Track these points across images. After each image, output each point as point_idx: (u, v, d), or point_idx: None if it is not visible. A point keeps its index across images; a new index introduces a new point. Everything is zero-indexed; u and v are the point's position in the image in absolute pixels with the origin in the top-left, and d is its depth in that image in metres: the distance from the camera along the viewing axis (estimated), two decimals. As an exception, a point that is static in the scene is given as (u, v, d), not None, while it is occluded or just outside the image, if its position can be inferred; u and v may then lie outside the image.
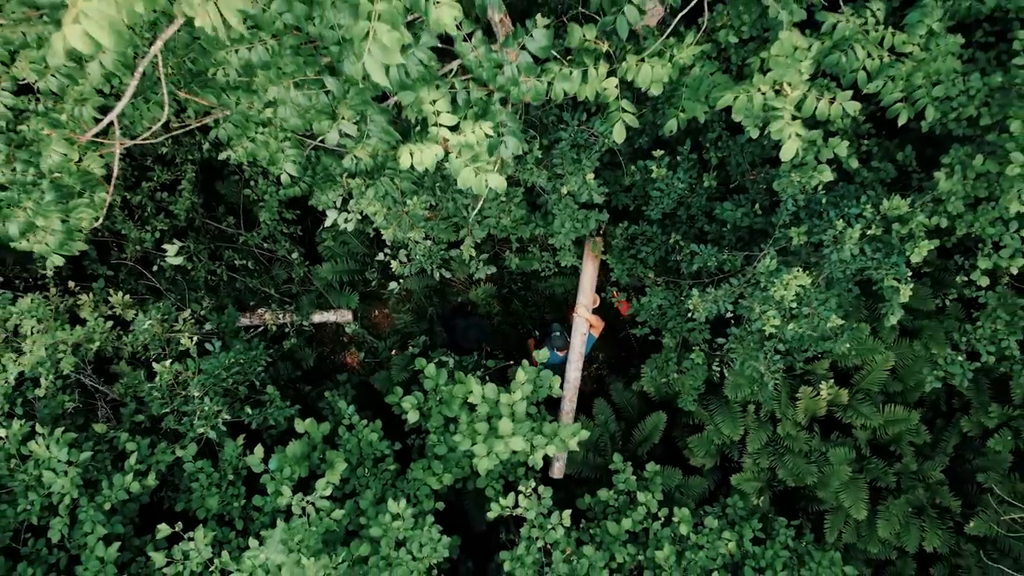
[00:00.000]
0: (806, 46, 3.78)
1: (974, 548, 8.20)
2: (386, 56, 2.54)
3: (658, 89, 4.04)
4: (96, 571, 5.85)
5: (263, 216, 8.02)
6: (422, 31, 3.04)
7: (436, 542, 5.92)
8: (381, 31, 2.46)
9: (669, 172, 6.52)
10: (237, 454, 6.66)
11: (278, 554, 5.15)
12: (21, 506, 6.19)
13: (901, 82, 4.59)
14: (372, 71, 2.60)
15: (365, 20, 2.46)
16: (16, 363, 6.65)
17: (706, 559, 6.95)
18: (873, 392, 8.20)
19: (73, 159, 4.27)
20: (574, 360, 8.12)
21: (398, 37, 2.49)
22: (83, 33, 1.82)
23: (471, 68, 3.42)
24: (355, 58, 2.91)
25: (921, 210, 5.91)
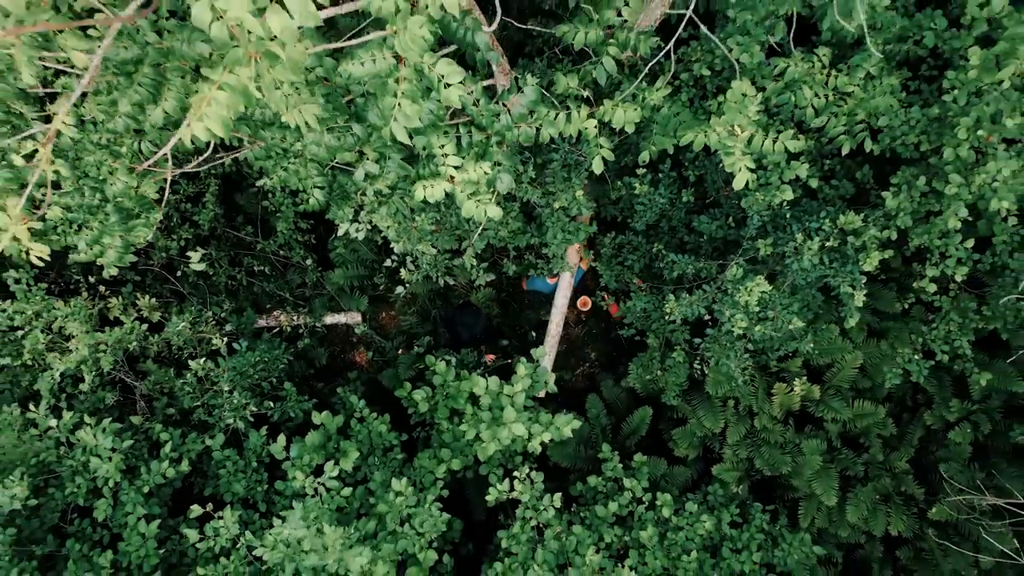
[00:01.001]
0: (753, 93, 4.59)
1: (936, 532, 9.00)
2: (408, 122, 3.36)
3: (631, 128, 4.86)
4: (138, 546, 6.68)
5: (280, 226, 8.84)
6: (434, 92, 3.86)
7: (436, 518, 6.75)
8: (405, 105, 3.28)
9: (651, 188, 7.34)
10: (261, 443, 7.49)
11: (298, 530, 5.97)
12: (68, 489, 7.02)
13: (844, 117, 5.40)
14: (397, 133, 3.43)
15: (392, 96, 3.27)
16: (61, 362, 7.49)
17: (686, 539, 7.77)
18: (843, 388, 9.02)
19: (133, 186, 5.10)
20: (563, 288, 8.92)
21: (417, 109, 3.31)
22: (204, 128, 2.65)
23: (473, 116, 4.24)
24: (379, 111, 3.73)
25: (874, 224, 6.74)
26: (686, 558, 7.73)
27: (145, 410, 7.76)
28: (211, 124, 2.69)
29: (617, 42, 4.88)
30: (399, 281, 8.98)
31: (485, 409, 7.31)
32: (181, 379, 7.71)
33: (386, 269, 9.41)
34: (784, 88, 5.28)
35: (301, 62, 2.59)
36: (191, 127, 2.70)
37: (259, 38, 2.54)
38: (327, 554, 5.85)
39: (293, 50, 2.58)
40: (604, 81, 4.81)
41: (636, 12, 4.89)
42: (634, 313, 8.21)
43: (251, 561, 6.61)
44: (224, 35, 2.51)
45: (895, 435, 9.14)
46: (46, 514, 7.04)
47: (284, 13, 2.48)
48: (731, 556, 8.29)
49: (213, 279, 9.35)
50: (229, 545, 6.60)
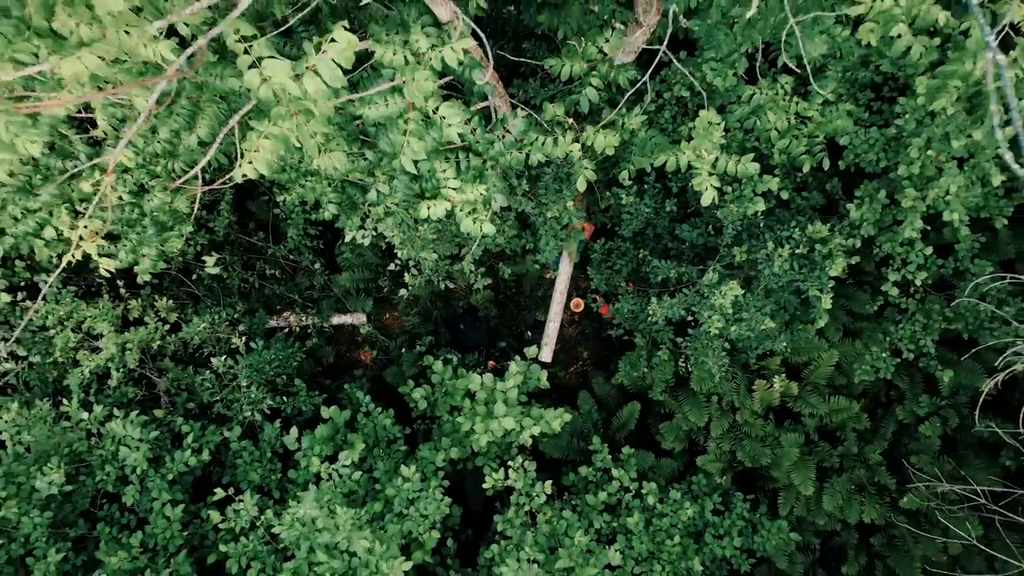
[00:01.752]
0: (718, 121, 5.27)
1: (907, 520, 9.69)
2: (415, 155, 4.05)
3: (611, 151, 5.55)
4: (164, 528, 7.38)
5: (290, 232, 9.54)
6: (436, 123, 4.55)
7: (440, 502, 7.45)
8: (412, 141, 3.97)
9: (637, 199, 8.03)
10: (275, 435, 8.19)
11: (312, 510, 6.66)
12: (98, 476, 7.72)
13: (804, 139, 6.09)
14: (406, 164, 4.11)
15: (402, 136, 3.96)
16: (90, 359, 8.20)
17: (670, 525, 8.46)
18: (820, 385, 9.71)
19: (167, 201, 5.79)
20: (564, 265, 9.63)
21: (423, 144, 3.99)
22: (253, 169, 3.33)
23: (470, 143, 4.93)
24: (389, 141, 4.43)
25: (839, 233, 7.43)
26: (670, 543, 8.42)
27: (168, 404, 8.46)
28: (259, 165, 3.37)
29: (599, 74, 5.57)
30: (402, 284, 9.68)
31: (481, 404, 8.00)
32: (200, 375, 8.40)
33: (390, 273, 10.11)
34: (751, 113, 5.96)
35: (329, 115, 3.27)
36: (243, 168, 3.40)
37: (297, 98, 3.22)
38: (338, 532, 6.54)
39: (324, 106, 3.26)
40: (587, 109, 5.50)
41: (616, 48, 5.58)
42: (622, 314, 8.89)
43: (268, 540, 7.31)
44: (269, 95, 3.19)
45: (869, 429, 9.83)
46: (77, 500, 7.74)
47: (317, 78, 3.17)
48: (713, 542, 8.97)
49: (227, 282, 10.04)
50: (248, 526, 7.30)
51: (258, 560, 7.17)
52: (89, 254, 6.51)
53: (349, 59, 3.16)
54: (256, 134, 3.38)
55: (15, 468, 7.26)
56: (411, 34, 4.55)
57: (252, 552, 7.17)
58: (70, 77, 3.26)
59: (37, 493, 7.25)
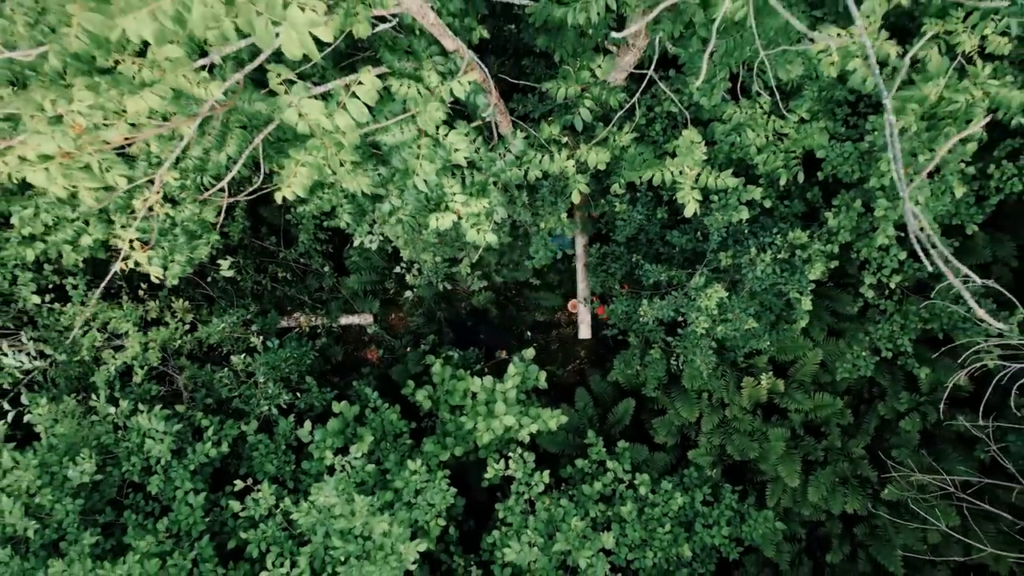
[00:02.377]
0: (699, 141, 5.87)
1: (888, 511, 10.29)
2: (426, 176, 4.65)
3: (603, 166, 6.15)
4: (187, 515, 7.99)
5: (301, 237, 10.14)
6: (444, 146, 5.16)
7: (445, 492, 8.05)
8: (424, 164, 4.57)
9: (629, 207, 8.64)
10: (289, 429, 8.80)
11: (331, 498, 7.26)
12: (124, 467, 8.33)
13: (781, 154, 6.69)
14: (418, 184, 4.72)
15: (415, 160, 4.57)
16: (115, 358, 8.81)
17: (661, 514, 9.07)
18: (806, 382, 10.32)
19: (197, 212, 6.40)
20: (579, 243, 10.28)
21: (434, 167, 4.59)
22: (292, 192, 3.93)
23: (475, 161, 5.53)
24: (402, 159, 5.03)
25: (818, 240, 8.03)
26: (661, 530, 9.03)
27: (189, 400, 9.07)
28: (296, 188, 3.98)
29: (592, 96, 6.17)
30: (407, 286, 10.28)
31: (481, 404, 8.60)
32: (219, 372, 9.01)
33: (395, 275, 10.71)
34: (731, 131, 6.56)
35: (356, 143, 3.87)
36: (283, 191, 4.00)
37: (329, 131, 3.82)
38: (354, 519, 7.15)
39: (351, 136, 3.86)
40: (581, 127, 6.10)
41: (608, 71, 6.18)
42: (617, 315, 9.50)
43: (285, 527, 7.91)
44: (305, 129, 3.80)
45: (852, 424, 10.44)
46: (105, 489, 8.35)
47: (347, 115, 3.78)
48: (703, 531, 9.58)
49: (240, 284, 10.65)
50: (266, 513, 7.91)
51: (276, 545, 7.77)
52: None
53: (373, 98, 3.77)
54: (294, 162, 3.99)
55: (48, 458, 7.87)
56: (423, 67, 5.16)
57: (271, 538, 7.78)
58: (132, 113, 3.87)
59: (69, 482, 7.86)
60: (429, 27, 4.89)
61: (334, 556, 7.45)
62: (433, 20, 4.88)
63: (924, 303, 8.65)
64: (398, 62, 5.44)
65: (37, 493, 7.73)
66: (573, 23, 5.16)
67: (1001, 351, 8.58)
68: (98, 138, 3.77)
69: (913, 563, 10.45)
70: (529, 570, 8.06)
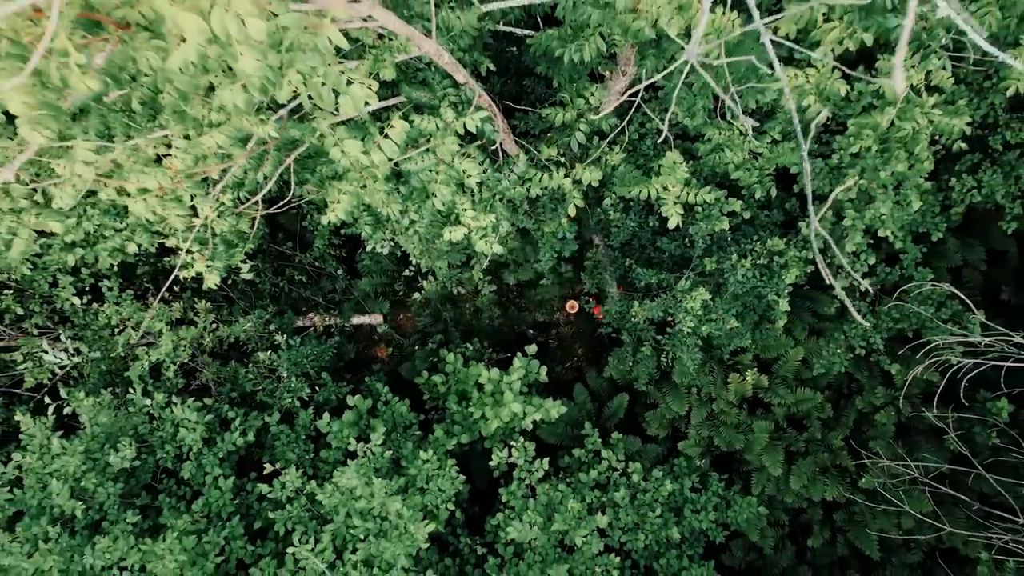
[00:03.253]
0: (680, 161, 6.79)
1: (865, 498, 11.21)
2: (443, 197, 5.56)
3: (596, 183, 7.06)
4: (217, 497, 8.91)
5: (317, 242, 11.06)
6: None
7: (455, 479, 8.97)
8: (441, 187, 5.48)
9: (623, 215, 9.55)
10: (309, 420, 9.71)
11: (352, 480, 8.18)
12: (159, 454, 9.24)
13: (756, 171, 7.60)
14: (436, 204, 5.63)
15: (434, 183, 5.48)
16: (147, 355, 9.72)
17: (652, 500, 9.99)
18: (788, 378, 11.24)
19: (234, 224, 7.31)
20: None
21: (450, 189, 5.50)
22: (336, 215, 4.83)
23: (483, 181, 6.44)
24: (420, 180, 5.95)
25: (795, 246, 8.94)
26: (652, 515, 9.94)
27: (216, 393, 9.99)
28: (339, 212, 4.89)
29: (586, 121, 7.09)
30: (416, 288, 11.20)
31: (488, 395, 9.52)
32: (242, 368, 9.92)
33: (404, 278, 11.63)
34: (711, 151, 7.48)
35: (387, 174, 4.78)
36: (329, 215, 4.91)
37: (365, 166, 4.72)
38: (373, 500, 8.06)
39: (383, 169, 4.76)
40: (577, 148, 7.02)
41: (600, 99, 7.10)
42: (612, 315, 10.42)
43: (308, 508, 8.83)
44: (346, 163, 4.71)
45: (832, 417, 11.36)
46: (141, 475, 9.27)
47: (381, 152, 4.69)
48: (691, 515, 10.50)
49: (259, 286, 11.57)
50: (292, 496, 8.82)
51: (300, 524, 8.69)
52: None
53: (403, 137, 4.68)
54: (336, 191, 4.90)
55: (92, 446, 8.79)
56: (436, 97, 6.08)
57: (296, 518, 8.69)
58: (206, 149, 4.78)
59: (110, 467, 8.78)
60: (443, 65, 5.80)
61: (354, 534, 8.36)
62: (447, 60, 5.80)
63: (890, 304, 9.57)
64: (415, 92, 6.37)
65: (82, 477, 8.64)
66: (569, 60, 6.07)
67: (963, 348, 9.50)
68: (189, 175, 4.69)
69: (889, 546, 11.39)
70: (530, 547, 8.98)
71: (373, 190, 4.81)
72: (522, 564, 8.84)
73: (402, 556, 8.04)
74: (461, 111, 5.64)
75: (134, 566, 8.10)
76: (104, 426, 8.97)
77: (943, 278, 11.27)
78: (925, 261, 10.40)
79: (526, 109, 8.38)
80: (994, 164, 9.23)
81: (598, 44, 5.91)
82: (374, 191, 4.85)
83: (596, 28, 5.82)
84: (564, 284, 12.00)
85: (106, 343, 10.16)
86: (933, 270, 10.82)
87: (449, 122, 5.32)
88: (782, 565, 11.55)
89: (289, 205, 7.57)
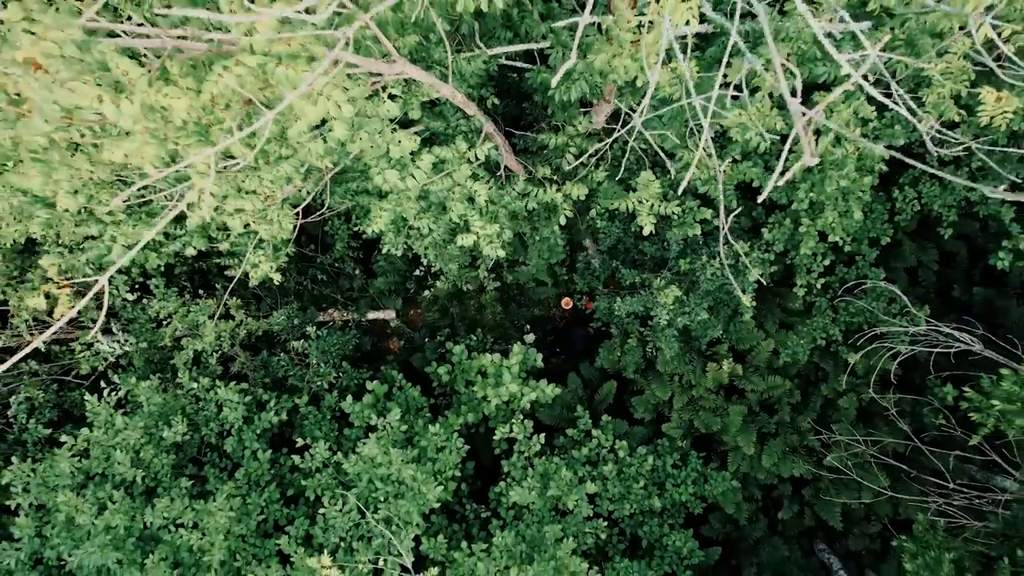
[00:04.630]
0: (655, 179, 8.43)
1: (830, 475, 12.84)
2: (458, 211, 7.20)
3: (583, 197, 8.70)
4: (256, 468, 10.55)
5: (337, 245, 12.71)
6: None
7: (459, 449, 10.60)
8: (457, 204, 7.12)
9: (609, 223, 11.20)
10: (334, 402, 11.35)
11: (374, 450, 9.80)
12: (203, 431, 10.88)
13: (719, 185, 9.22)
14: (453, 216, 7.27)
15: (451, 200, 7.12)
16: (191, 344, 11.36)
17: (636, 473, 11.62)
18: (761, 367, 12.88)
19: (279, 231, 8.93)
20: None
21: (464, 206, 7.14)
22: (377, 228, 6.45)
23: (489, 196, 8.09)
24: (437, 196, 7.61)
25: (758, 249, 10.58)
26: (636, 486, 11.58)
27: (253, 379, 11.63)
28: (380, 225, 6.52)
29: (575, 145, 8.74)
30: (426, 286, 12.83)
31: (491, 377, 11.16)
32: (275, 356, 11.57)
33: (415, 277, 13.27)
34: (683, 168, 9.13)
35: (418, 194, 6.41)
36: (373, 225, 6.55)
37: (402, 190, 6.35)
38: (391, 467, 9.70)
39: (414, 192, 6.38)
40: (566, 168, 8.67)
41: (587, 127, 8.74)
42: (601, 311, 12.06)
43: (335, 476, 10.46)
44: (387, 187, 6.35)
45: (800, 402, 13.00)
46: (188, 449, 10.91)
47: (414, 179, 6.34)
48: (672, 489, 12.14)
49: (284, 285, 13.20)
50: (321, 466, 10.46)
51: (328, 490, 10.32)
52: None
53: (429, 167, 6.32)
54: (379, 208, 6.54)
55: (149, 422, 10.43)
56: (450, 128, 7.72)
57: (324, 484, 10.33)
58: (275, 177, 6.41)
59: (164, 441, 10.42)
60: (457, 103, 7.45)
61: (375, 497, 9.99)
62: (460, 99, 7.45)
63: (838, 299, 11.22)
64: (432, 123, 8.02)
65: (141, 449, 10.28)
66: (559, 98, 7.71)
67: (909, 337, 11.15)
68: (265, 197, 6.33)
69: (851, 518, 13.02)
70: (528, 510, 10.62)
71: (407, 208, 6.41)
72: (521, 524, 10.48)
73: (416, 514, 9.67)
74: (472, 141, 7.28)
75: (188, 523, 9.73)
76: (159, 405, 10.61)
77: (900, 277, 12.98)
78: (884, 262, 12.10)
79: (525, 133, 10.03)
80: (932, 178, 10.87)
81: (583, 87, 7.55)
82: (408, 208, 6.45)
83: (581, 74, 7.47)
84: (560, 283, 13.64)
85: (152, 334, 11.80)
86: (891, 270, 12.53)
87: (463, 152, 6.95)
88: (755, 536, 13.19)
89: (322, 214, 9.21)
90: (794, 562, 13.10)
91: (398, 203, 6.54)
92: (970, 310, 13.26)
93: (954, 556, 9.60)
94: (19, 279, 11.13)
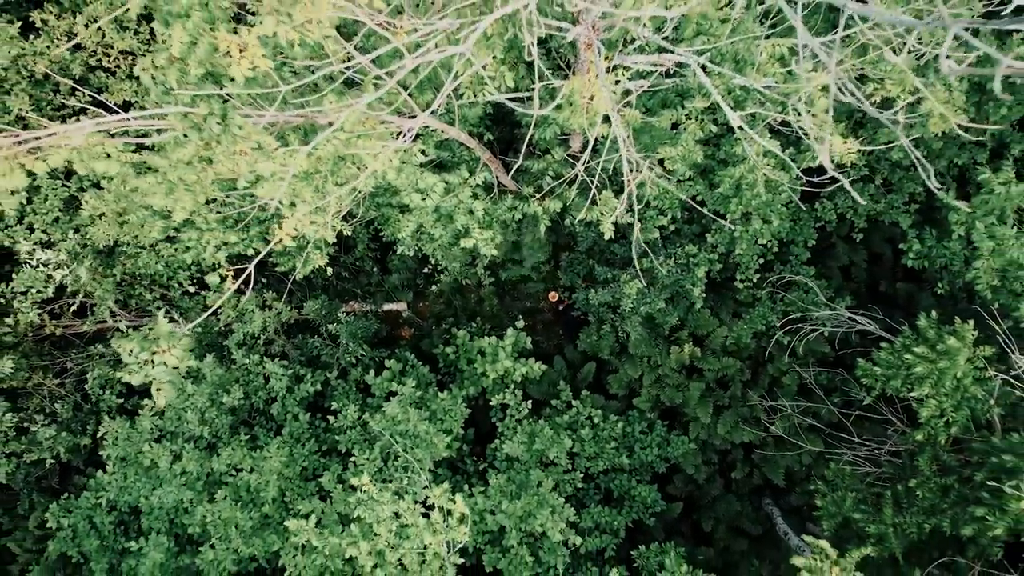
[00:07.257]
0: (611, 195, 11.52)
1: (775, 441, 15.92)
2: (461, 221, 10.30)
3: (558, 209, 11.80)
4: (297, 427, 13.67)
5: (359, 247, 15.85)
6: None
7: (464, 412, 13.69)
8: (462, 216, 10.23)
9: (585, 228, 14.31)
10: (359, 376, 14.46)
11: (394, 409, 12.87)
12: (253, 399, 13.99)
13: (666, 200, 12.34)
14: (457, 225, 10.36)
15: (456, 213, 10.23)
16: (241, 328, 14.50)
17: (609, 436, 14.72)
18: (716, 349, 16.00)
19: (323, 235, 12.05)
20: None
21: (467, 218, 10.25)
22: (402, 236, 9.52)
23: (486, 208, 11.20)
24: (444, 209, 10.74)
25: (705, 251, 13.70)
26: (608, 447, 14.67)
27: (291, 357, 14.75)
28: (406, 232, 9.61)
29: (553, 169, 11.87)
30: (433, 281, 15.94)
31: (489, 356, 14.27)
32: (310, 338, 14.70)
33: (424, 274, 16.39)
34: (640, 186, 12.24)
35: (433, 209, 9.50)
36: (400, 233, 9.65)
37: (422, 207, 9.47)
38: (409, 423, 12.78)
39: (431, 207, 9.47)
40: (547, 184, 11.81)
41: (562, 155, 11.88)
42: (581, 302, 15.18)
43: (362, 433, 13.55)
44: (412, 205, 9.46)
45: (750, 379, 16.09)
46: (240, 412, 14.02)
47: (431, 199, 9.46)
48: (640, 451, 15.23)
49: (312, 279, 16.33)
50: (350, 425, 13.56)
51: (356, 444, 13.42)
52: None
53: (441, 191, 9.44)
54: (404, 220, 9.64)
55: (211, 390, 13.54)
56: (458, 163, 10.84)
57: (353, 440, 13.44)
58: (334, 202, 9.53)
59: (223, 404, 13.52)
60: (461, 140, 10.57)
61: (395, 449, 13.07)
62: (464, 138, 10.58)
63: (775, 292, 14.34)
64: (440, 153, 11.15)
65: (206, 410, 13.38)
66: (539, 136, 10.83)
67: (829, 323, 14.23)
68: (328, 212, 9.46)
69: (793, 478, 16.08)
70: (518, 461, 13.71)
71: (426, 220, 9.48)
72: (512, 471, 13.59)
73: (428, 460, 12.77)
74: (472, 168, 10.39)
75: (247, 468, 12.84)
76: (219, 376, 13.72)
77: (835, 275, 16.12)
78: (822, 261, 15.24)
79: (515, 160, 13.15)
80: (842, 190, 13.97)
81: (555, 129, 10.68)
82: (427, 220, 9.53)
83: (553, 120, 10.59)
84: (547, 279, 16.76)
85: (206, 320, 14.92)
86: (827, 268, 15.67)
87: (465, 179, 10.04)
88: (713, 493, 16.29)
89: (356, 221, 12.32)
90: (745, 515, 16.20)
91: (419, 216, 9.63)
92: (895, 301, 16.36)
93: (855, 495, 12.65)
94: (103, 275, 14.26)
